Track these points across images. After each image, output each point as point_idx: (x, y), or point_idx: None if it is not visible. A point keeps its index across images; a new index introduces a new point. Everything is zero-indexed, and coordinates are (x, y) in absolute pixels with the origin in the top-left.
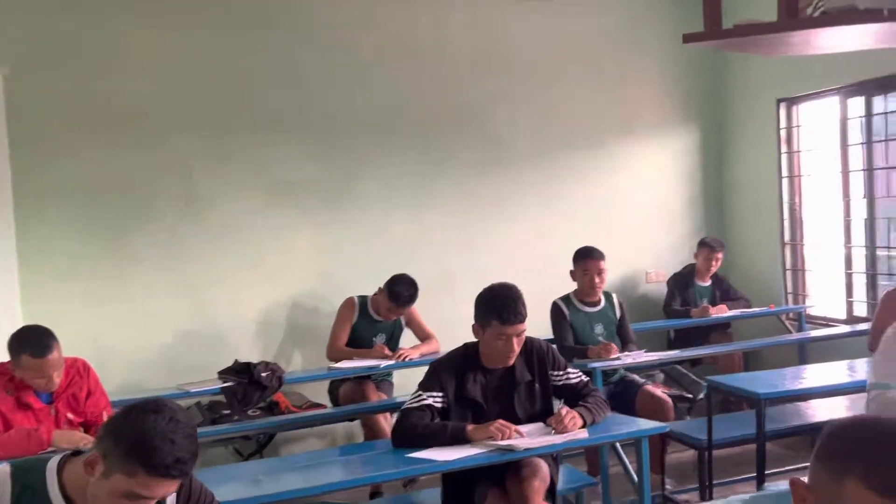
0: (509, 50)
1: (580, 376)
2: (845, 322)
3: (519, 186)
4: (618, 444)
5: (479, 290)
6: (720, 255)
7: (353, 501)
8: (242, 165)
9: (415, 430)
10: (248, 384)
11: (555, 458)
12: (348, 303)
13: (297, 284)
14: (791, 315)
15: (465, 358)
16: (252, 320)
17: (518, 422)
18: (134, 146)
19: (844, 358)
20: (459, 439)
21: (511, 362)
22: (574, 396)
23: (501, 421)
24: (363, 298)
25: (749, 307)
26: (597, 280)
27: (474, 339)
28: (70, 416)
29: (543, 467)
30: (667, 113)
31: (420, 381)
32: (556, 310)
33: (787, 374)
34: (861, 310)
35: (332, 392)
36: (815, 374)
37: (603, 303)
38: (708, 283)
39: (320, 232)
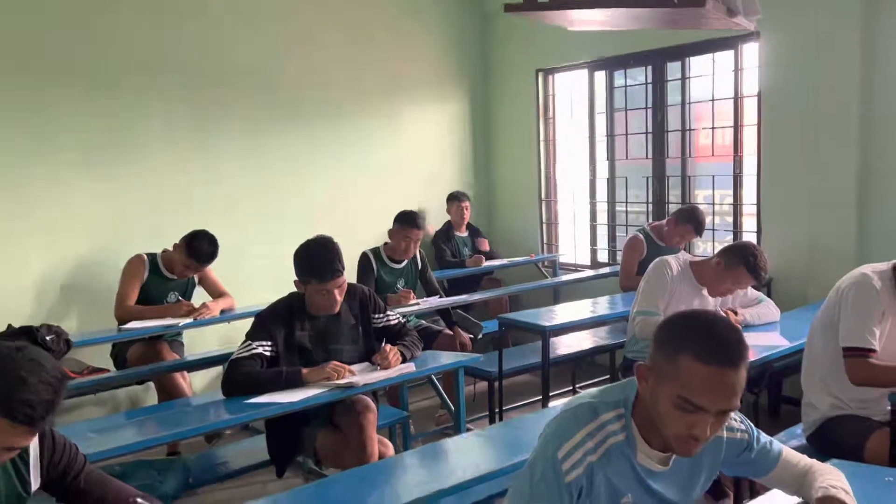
0: (280, 8)
1: (398, 318)
2: (590, 267)
3: (309, 142)
4: (433, 377)
5: (272, 247)
6: (467, 204)
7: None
8: (8, 109)
9: (249, 377)
10: None
11: (376, 396)
12: (137, 260)
13: (73, 240)
14: (546, 263)
15: (290, 307)
16: (20, 280)
17: (345, 363)
18: None
19: (589, 297)
20: (295, 383)
21: (336, 310)
22: (393, 337)
23: (335, 362)
24: (153, 255)
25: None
26: (413, 247)
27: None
28: None
29: (372, 403)
30: (439, 80)
31: (247, 332)
32: (364, 261)
33: (557, 310)
34: (603, 256)
35: (118, 355)
36: (576, 310)
37: (407, 260)
38: (465, 233)
39: (100, 185)
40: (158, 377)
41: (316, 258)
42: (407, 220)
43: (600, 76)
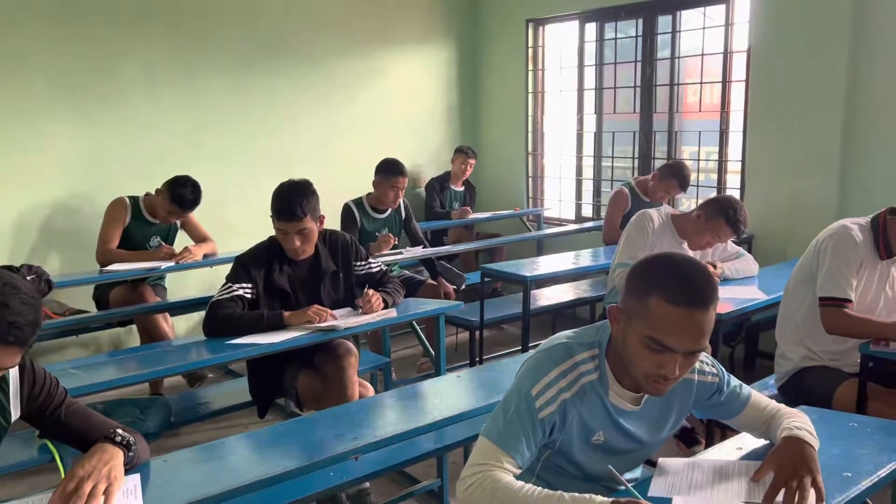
0: None
1: (380, 266)
2: (574, 222)
3: (294, 87)
4: (415, 323)
5: (255, 192)
6: (473, 162)
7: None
8: None
9: (230, 319)
10: None
11: (357, 341)
12: (119, 203)
13: (54, 183)
14: (531, 217)
15: (270, 250)
16: (1, 222)
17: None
18: None
19: (573, 250)
20: (277, 325)
21: (298, 257)
22: (375, 284)
23: (317, 306)
24: (135, 199)
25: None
26: (398, 195)
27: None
28: None
29: (353, 347)
30: (427, 27)
31: (227, 275)
32: (347, 212)
33: (540, 262)
34: (588, 211)
35: (100, 297)
36: (558, 262)
37: (391, 209)
38: (461, 188)
39: (80, 129)
40: (141, 319)
41: (281, 197)
42: (391, 170)
43: (591, 28)
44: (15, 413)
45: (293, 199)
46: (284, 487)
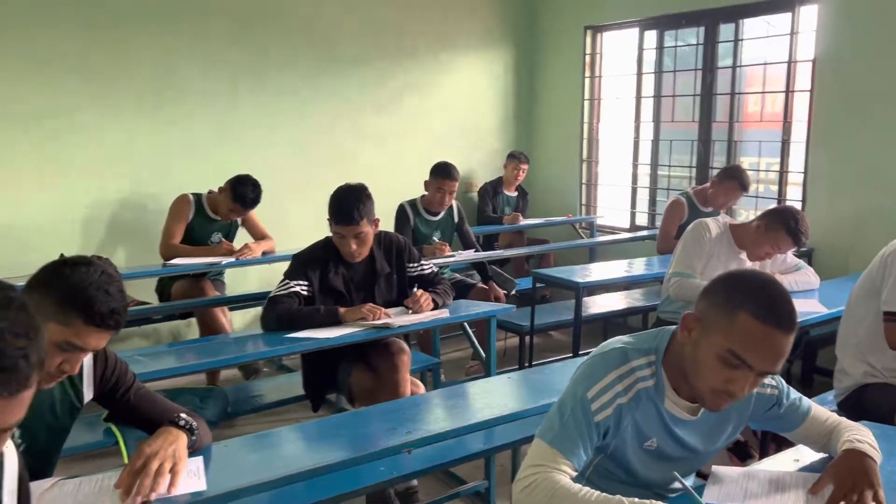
0: None
1: (432, 268)
2: (628, 230)
3: (353, 89)
4: (466, 325)
5: (312, 192)
6: (525, 167)
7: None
8: (58, 50)
9: (287, 313)
10: None
11: (408, 341)
12: (183, 199)
13: (121, 179)
14: (584, 224)
15: (326, 250)
16: (70, 216)
17: None
18: None
19: (625, 259)
20: (332, 321)
21: (354, 260)
22: (426, 285)
23: (371, 304)
24: (198, 196)
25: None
26: (448, 198)
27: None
28: None
29: (406, 346)
30: (485, 33)
31: (285, 271)
32: (401, 213)
33: (592, 269)
34: (642, 220)
35: (163, 290)
36: (610, 269)
37: (444, 211)
38: (514, 193)
39: (145, 127)
40: (200, 312)
41: (338, 202)
42: (441, 172)
43: (650, 35)
44: (88, 395)
45: (350, 204)
46: (337, 478)
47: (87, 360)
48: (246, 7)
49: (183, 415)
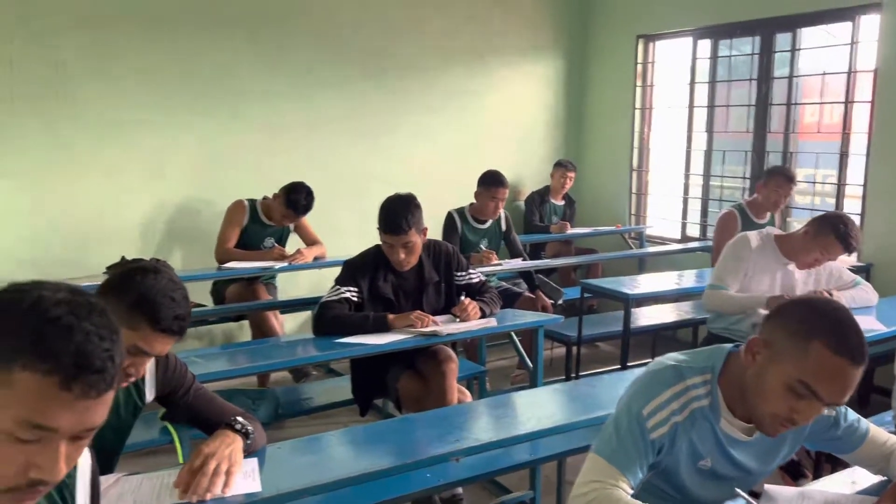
0: None
1: (479, 276)
2: (679, 241)
3: (403, 98)
4: (513, 334)
5: (363, 200)
6: (572, 175)
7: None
8: (123, 60)
9: (338, 319)
10: None
11: (455, 349)
12: (238, 205)
13: (179, 184)
14: (633, 234)
15: (376, 258)
16: (130, 220)
17: None
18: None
19: (675, 270)
20: (381, 327)
21: (403, 268)
22: (474, 294)
23: (419, 311)
24: (252, 202)
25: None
26: (499, 206)
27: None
28: None
29: (453, 354)
30: (536, 41)
31: (336, 277)
32: (449, 220)
33: (641, 280)
34: (694, 231)
35: (217, 293)
36: (660, 281)
37: (492, 220)
38: (561, 202)
39: (203, 133)
40: (253, 315)
41: (387, 211)
42: (493, 180)
43: (704, 44)
44: (150, 395)
45: (398, 214)
46: (385, 483)
47: (150, 361)
48: (305, 18)
49: (239, 418)
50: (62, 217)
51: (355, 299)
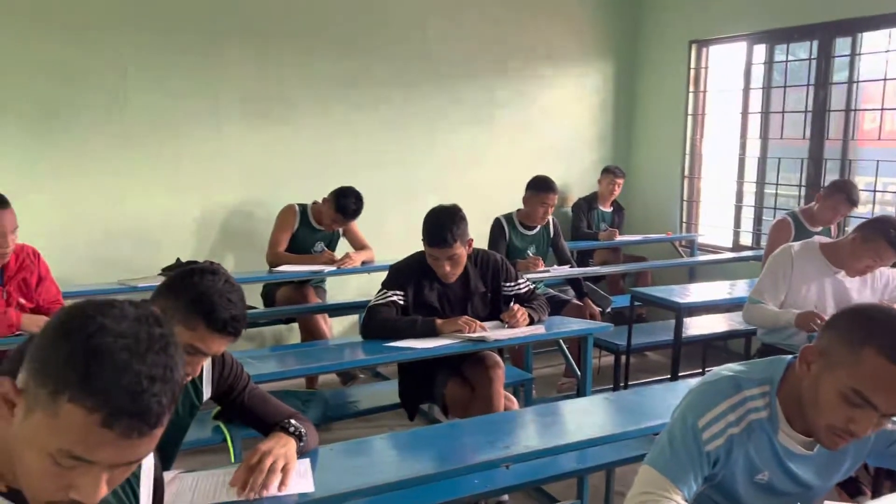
0: None
1: (529, 285)
2: (731, 250)
3: (452, 104)
4: (561, 342)
5: (410, 205)
6: (620, 182)
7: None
8: (181, 67)
9: (386, 322)
10: None
11: (502, 356)
12: (290, 210)
13: (233, 188)
14: (684, 242)
15: (422, 265)
16: (186, 222)
17: None
18: (68, 37)
19: (726, 279)
20: (429, 332)
21: (449, 280)
22: (522, 301)
23: (467, 317)
24: (303, 206)
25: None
26: (548, 212)
27: None
28: (22, 300)
29: (500, 360)
30: (585, 47)
31: (382, 281)
32: (497, 226)
33: (692, 289)
34: (747, 239)
35: (268, 295)
36: (712, 290)
37: (540, 226)
38: (609, 208)
39: (256, 139)
40: (303, 317)
41: (431, 225)
42: (542, 186)
43: (759, 49)
44: (206, 393)
45: (443, 227)
46: (435, 487)
47: (207, 360)
48: (355, 25)
49: (293, 420)
50: (122, 219)
51: (402, 303)
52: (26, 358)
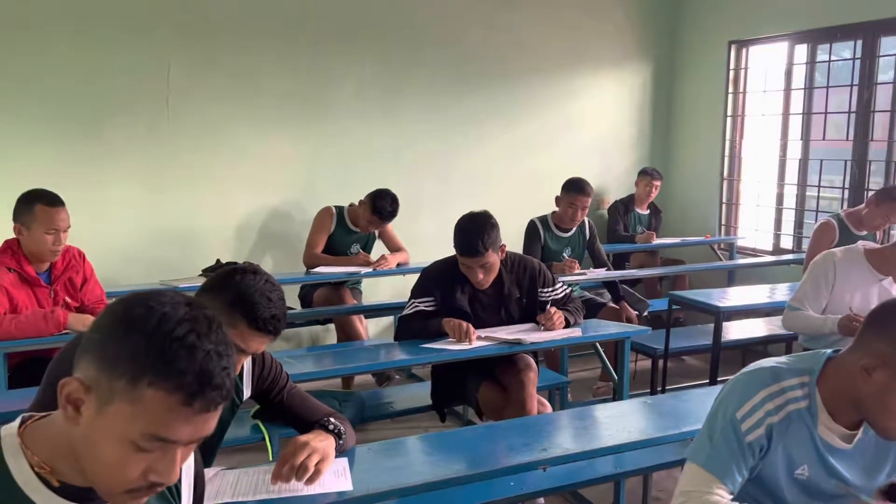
0: None
1: (565, 289)
2: (771, 253)
3: (488, 106)
4: (598, 345)
5: (446, 208)
6: (658, 184)
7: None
8: (223, 69)
9: (412, 331)
10: None
11: (536, 359)
12: (326, 212)
13: (271, 190)
14: (723, 245)
15: (454, 268)
16: (225, 223)
17: None
18: (112, 40)
19: (766, 283)
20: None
21: (483, 287)
22: (557, 304)
23: (460, 321)
24: (340, 209)
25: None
26: (580, 214)
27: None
28: (67, 299)
29: (533, 363)
30: (623, 48)
31: (412, 289)
32: (532, 229)
33: (731, 293)
34: (787, 243)
35: (305, 297)
36: (752, 294)
37: (575, 228)
38: (646, 211)
39: (295, 142)
40: (339, 318)
41: (462, 234)
42: (573, 187)
43: (801, 50)
44: (247, 392)
45: (474, 236)
46: (470, 489)
47: (247, 360)
48: (394, 30)
49: (332, 419)
50: (164, 220)
51: (430, 309)
52: (89, 356)
